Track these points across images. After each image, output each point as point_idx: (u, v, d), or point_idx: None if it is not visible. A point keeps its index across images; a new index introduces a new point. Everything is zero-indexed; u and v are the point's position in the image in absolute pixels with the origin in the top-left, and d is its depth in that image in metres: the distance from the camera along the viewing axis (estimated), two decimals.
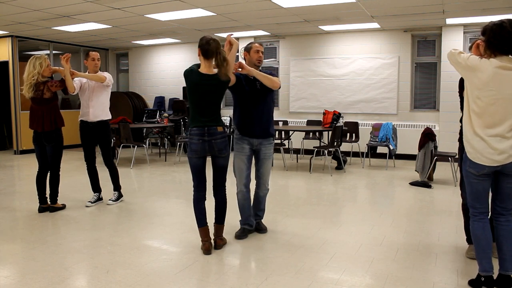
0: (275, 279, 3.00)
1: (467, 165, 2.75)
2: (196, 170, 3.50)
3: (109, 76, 5.04)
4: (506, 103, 2.57)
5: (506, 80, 2.54)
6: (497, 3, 6.44)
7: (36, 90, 4.56)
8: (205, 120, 3.40)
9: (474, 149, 2.67)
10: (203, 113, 3.40)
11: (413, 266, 3.24)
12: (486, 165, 2.65)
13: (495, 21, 2.58)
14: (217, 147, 3.44)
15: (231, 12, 7.19)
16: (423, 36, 8.77)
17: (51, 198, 4.82)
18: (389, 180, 6.73)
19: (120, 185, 5.31)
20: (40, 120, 4.63)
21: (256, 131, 3.78)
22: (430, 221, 4.47)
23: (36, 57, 4.59)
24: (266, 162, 3.88)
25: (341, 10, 7.02)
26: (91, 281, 2.99)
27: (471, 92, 2.65)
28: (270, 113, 3.89)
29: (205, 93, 3.38)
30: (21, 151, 9.66)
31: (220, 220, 3.64)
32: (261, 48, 3.84)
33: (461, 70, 2.71)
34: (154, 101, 11.28)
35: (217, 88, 3.41)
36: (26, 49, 10.01)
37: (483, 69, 2.57)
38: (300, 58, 9.65)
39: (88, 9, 6.85)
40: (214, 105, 3.44)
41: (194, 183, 3.55)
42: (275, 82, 3.67)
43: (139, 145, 8.51)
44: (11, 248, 3.69)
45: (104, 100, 5.02)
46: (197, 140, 3.40)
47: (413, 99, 8.97)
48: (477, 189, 2.76)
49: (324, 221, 4.46)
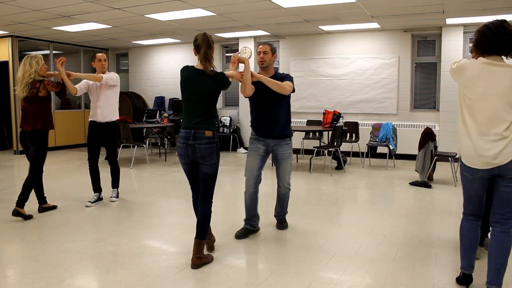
0: (275, 279, 3.00)
1: (462, 168, 2.74)
2: (187, 175, 3.35)
3: (114, 75, 5.06)
4: (495, 100, 2.56)
5: (494, 76, 2.56)
6: (497, 3, 6.44)
7: (31, 88, 4.48)
8: (194, 122, 3.18)
9: (468, 153, 2.66)
10: (192, 113, 3.20)
11: (413, 266, 3.24)
12: (479, 169, 2.63)
13: (486, 22, 2.62)
14: (200, 153, 3.14)
15: (231, 12, 7.19)
16: (423, 36, 8.77)
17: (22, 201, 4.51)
18: (389, 180, 6.73)
19: (118, 185, 5.35)
20: (32, 120, 4.49)
21: (272, 132, 3.82)
22: (430, 221, 4.47)
23: (31, 56, 4.55)
24: (283, 162, 3.90)
25: (341, 10, 7.02)
26: (91, 281, 2.99)
27: (461, 92, 2.69)
28: (285, 114, 3.87)
29: (196, 89, 3.19)
30: (21, 151, 9.63)
31: (200, 235, 3.22)
32: (261, 48, 3.79)
33: (454, 76, 2.74)
34: (154, 101, 11.28)
35: (209, 85, 3.20)
36: (26, 49, 10.01)
37: (470, 68, 2.63)
38: (300, 58, 9.65)
39: (88, 9, 6.85)
40: (204, 104, 3.21)
41: (191, 189, 3.45)
42: (283, 88, 3.64)
43: (139, 145, 8.51)
44: (11, 248, 3.69)
45: (112, 101, 5.05)
46: (181, 143, 3.19)
47: (413, 99, 8.97)
48: (470, 193, 2.75)
49: (324, 221, 4.46)
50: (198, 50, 3.18)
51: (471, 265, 2.82)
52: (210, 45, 3.17)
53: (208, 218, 3.29)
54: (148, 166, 8.09)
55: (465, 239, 2.80)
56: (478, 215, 2.79)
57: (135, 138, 8.92)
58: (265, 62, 3.77)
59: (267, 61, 3.77)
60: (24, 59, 4.55)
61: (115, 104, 5.12)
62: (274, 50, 3.86)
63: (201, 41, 3.15)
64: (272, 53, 3.81)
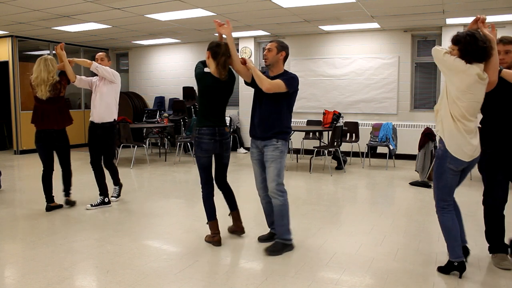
0: (275, 279, 3.00)
1: (446, 161, 2.89)
2: (205, 168, 3.64)
3: (114, 72, 4.90)
4: (476, 106, 2.88)
5: (480, 89, 2.83)
6: (497, 3, 6.44)
7: (53, 90, 4.63)
8: (215, 120, 3.57)
9: (458, 145, 2.85)
10: (214, 113, 3.57)
11: (413, 266, 3.24)
12: (465, 161, 2.87)
13: (467, 31, 2.84)
14: (225, 147, 3.65)
15: (231, 12, 7.19)
16: (423, 36, 8.78)
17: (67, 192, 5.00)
18: (389, 180, 6.73)
19: (120, 182, 5.30)
20: (57, 118, 4.68)
21: (260, 132, 3.54)
22: (430, 221, 4.47)
23: (48, 57, 4.66)
24: (268, 165, 3.51)
25: (341, 10, 7.02)
26: (91, 281, 2.99)
27: (451, 91, 2.84)
28: (278, 114, 3.52)
29: (217, 95, 3.56)
30: (21, 151, 9.66)
31: (234, 207, 3.86)
32: (267, 46, 3.56)
33: (445, 69, 2.89)
34: (154, 101, 11.28)
35: (228, 89, 3.60)
36: (26, 49, 10.01)
37: (468, 73, 2.78)
38: (300, 58, 9.65)
39: (88, 9, 6.85)
40: (223, 105, 3.65)
41: (202, 181, 3.67)
42: (262, 83, 3.39)
43: (139, 145, 8.52)
44: (11, 248, 3.69)
45: (109, 100, 4.87)
46: (208, 139, 3.53)
47: (413, 99, 8.97)
48: (451, 184, 2.97)
49: (324, 221, 4.46)
50: (217, 56, 3.46)
51: (461, 252, 3.00)
52: (229, 55, 3.49)
53: (232, 191, 3.90)
54: (148, 166, 8.09)
55: (452, 229, 2.98)
56: (453, 204, 3.05)
57: (135, 138, 8.93)
58: (268, 59, 3.55)
59: (270, 59, 3.52)
60: (42, 60, 4.62)
61: (112, 103, 4.91)
62: (282, 48, 3.53)
63: (225, 50, 3.47)
64: (278, 50, 3.51)
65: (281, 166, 3.51)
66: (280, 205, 3.51)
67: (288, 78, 3.49)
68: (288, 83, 3.46)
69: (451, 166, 2.89)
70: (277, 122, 3.53)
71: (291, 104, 3.59)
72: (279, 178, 3.49)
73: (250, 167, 4.23)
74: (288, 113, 3.60)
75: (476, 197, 5.57)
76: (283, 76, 3.50)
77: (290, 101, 3.57)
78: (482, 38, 2.77)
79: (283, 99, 3.51)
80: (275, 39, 3.65)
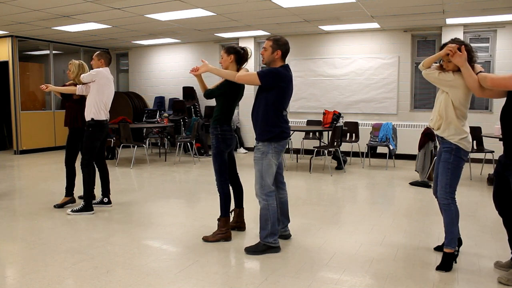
0: (275, 279, 3.00)
1: (462, 154, 3.13)
2: (226, 162, 3.79)
3: (94, 71, 4.70)
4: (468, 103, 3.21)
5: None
6: (497, 3, 6.44)
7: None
8: (231, 118, 3.89)
9: (466, 140, 3.13)
10: (232, 113, 3.86)
11: (413, 266, 3.24)
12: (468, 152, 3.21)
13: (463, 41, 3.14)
14: (236, 141, 4.01)
15: (231, 12, 7.19)
16: (423, 36, 8.78)
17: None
18: (389, 180, 6.73)
19: (93, 194, 4.91)
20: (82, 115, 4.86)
21: (255, 133, 3.54)
22: (430, 221, 4.47)
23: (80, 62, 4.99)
24: (254, 166, 3.46)
25: (341, 10, 7.02)
26: (91, 281, 2.99)
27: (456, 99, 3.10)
28: (261, 112, 3.40)
29: (238, 97, 3.84)
30: (21, 151, 9.65)
31: (241, 204, 4.05)
32: (264, 44, 3.48)
33: (447, 87, 3.12)
34: (154, 101, 11.28)
35: (243, 91, 3.89)
36: (26, 49, 10.01)
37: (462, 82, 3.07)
38: (300, 58, 9.65)
39: (88, 9, 6.85)
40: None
41: (225, 176, 3.76)
42: (230, 78, 3.52)
43: (139, 145, 8.52)
44: (11, 248, 3.69)
45: (91, 100, 4.67)
46: (231, 135, 3.77)
47: (413, 99, 8.97)
48: (460, 176, 3.20)
49: (324, 221, 4.46)
50: (241, 61, 3.73)
51: None
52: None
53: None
54: (148, 166, 8.09)
55: (457, 219, 3.17)
56: None
57: (135, 138, 8.93)
58: (264, 59, 3.46)
59: (265, 59, 3.43)
60: (83, 64, 4.98)
61: (94, 102, 4.65)
62: (277, 46, 3.37)
63: (249, 57, 3.79)
64: (272, 49, 3.37)
65: (263, 168, 3.37)
66: (262, 209, 3.45)
67: (264, 70, 3.37)
68: (262, 75, 3.31)
69: (464, 158, 3.16)
70: (261, 122, 3.40)
71: (274, 101, 3.35)
72: (262, 180, 3.38)
73: (250, 167, 4.23)
74: (274, 112, 3.37)
75: (476, 197, 5.59)
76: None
77: (271, 97, 3.34)
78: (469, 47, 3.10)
79: (263, 95, 3.39)
80: (272, 37, 3.45)
